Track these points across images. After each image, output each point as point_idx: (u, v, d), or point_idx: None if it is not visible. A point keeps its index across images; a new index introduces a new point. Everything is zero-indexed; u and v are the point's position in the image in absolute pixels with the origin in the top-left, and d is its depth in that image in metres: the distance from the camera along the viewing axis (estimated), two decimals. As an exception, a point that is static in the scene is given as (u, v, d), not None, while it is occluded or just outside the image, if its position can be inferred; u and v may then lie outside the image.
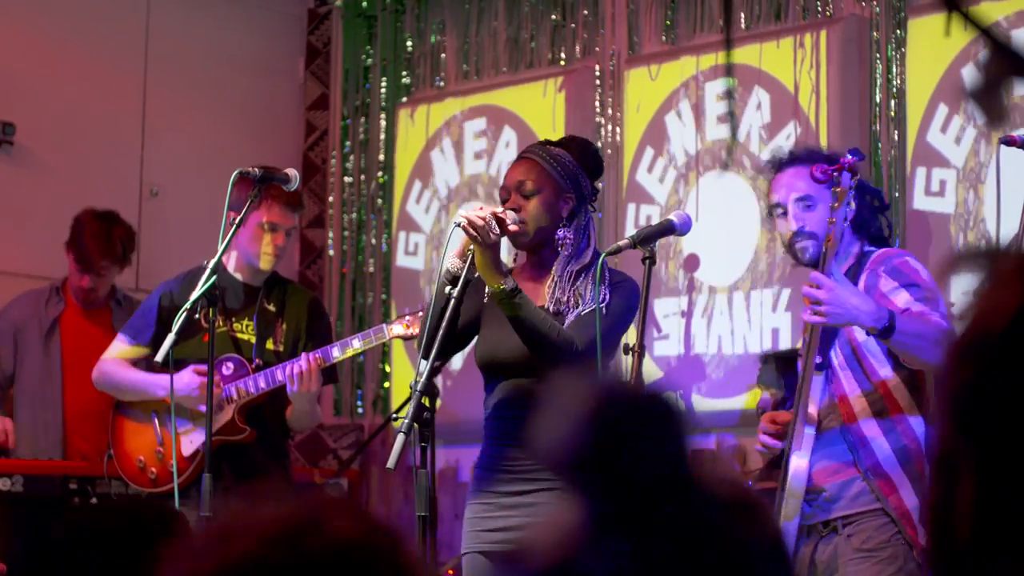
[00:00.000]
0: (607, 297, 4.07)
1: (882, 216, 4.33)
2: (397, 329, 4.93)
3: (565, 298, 4.09)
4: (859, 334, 4.13)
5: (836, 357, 4.16)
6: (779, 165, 4.34)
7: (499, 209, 4.04)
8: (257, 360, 5.09)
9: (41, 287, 6.14)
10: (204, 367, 4.87)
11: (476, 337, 4.26)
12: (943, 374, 1.23)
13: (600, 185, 4.36)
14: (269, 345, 5.14)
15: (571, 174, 4.17)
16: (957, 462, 1.19)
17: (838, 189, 4.03)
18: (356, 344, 4.97)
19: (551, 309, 4.08)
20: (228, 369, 5.06)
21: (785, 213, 4.26)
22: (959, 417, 1.20)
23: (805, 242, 4.23)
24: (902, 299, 4.09)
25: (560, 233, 4.14)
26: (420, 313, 4.91)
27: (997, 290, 1.21)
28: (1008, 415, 1.16)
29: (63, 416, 5.96)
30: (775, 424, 4.24)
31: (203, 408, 4.93)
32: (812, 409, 4.12)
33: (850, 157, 4.06)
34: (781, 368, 5.40)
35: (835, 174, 4.04)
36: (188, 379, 4.92)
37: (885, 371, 4.15)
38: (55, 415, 5.95)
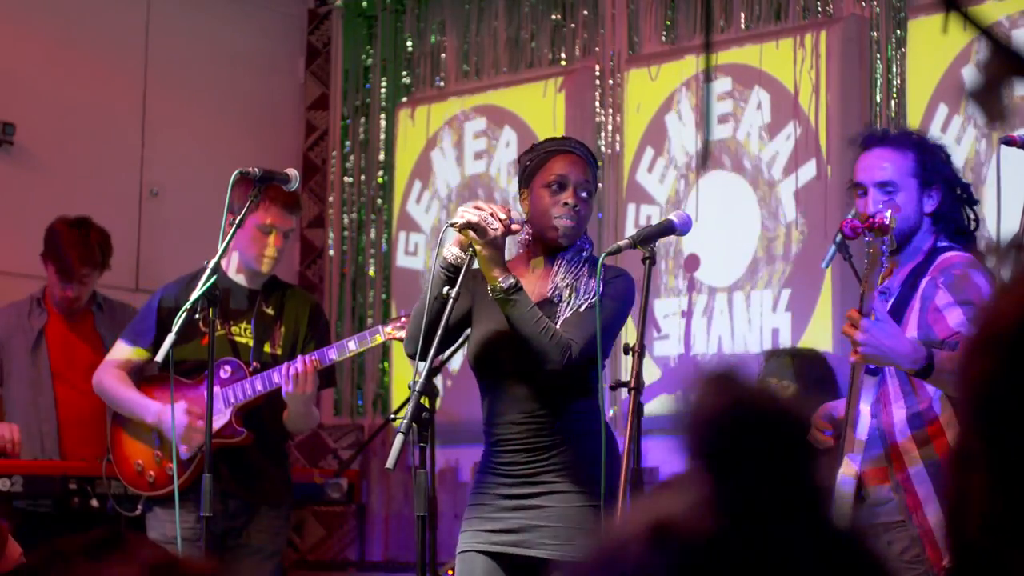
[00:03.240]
0: (601, 291, 4.06)
1: (968, 209, 4.17)
2: (392, 331, 4.93)
3: (565, 284, 4.09)
4: None
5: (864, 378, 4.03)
6: (868, 143, 4.17)
7: (497, 207, 4.03)
8: (255, 363, 5.09)
9: (19, 300, 6.09)
10: (198, 408, 4.89)
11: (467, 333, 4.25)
12: (961, 370, 1.23)
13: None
14: (267, 348, 5.14)
15: (596, 179, 4.27)
16: (971, 459, 1.19)
17: (871, 251, 3.82)
18: (352, 346, 4.97)
19: (548, 295, 4.09)
20: (226, 372, 5.05)
21: (865, 194, 4.11)
22: (973, 413, 1.20)
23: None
24: (954, 318, 3.97)
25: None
26: None
27: (1014, 286, 1.21)
28: (1020, 412, 1.16)
29: (58, 424, 5.95)
30: (828, 423, 4.14)
31: (184, 447, 4.94)
32: (864, 409, 4.05)
33: (886, 213, 3.86)
34: (799, 363, 5.38)
35: (864, 231, 3.87)
36: (178, 418, 4.88)
37: (931, 387, 4.02)
38: (50, 425, 5.94)
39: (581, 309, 4.04)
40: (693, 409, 1.12)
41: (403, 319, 4.95)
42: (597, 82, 6.72)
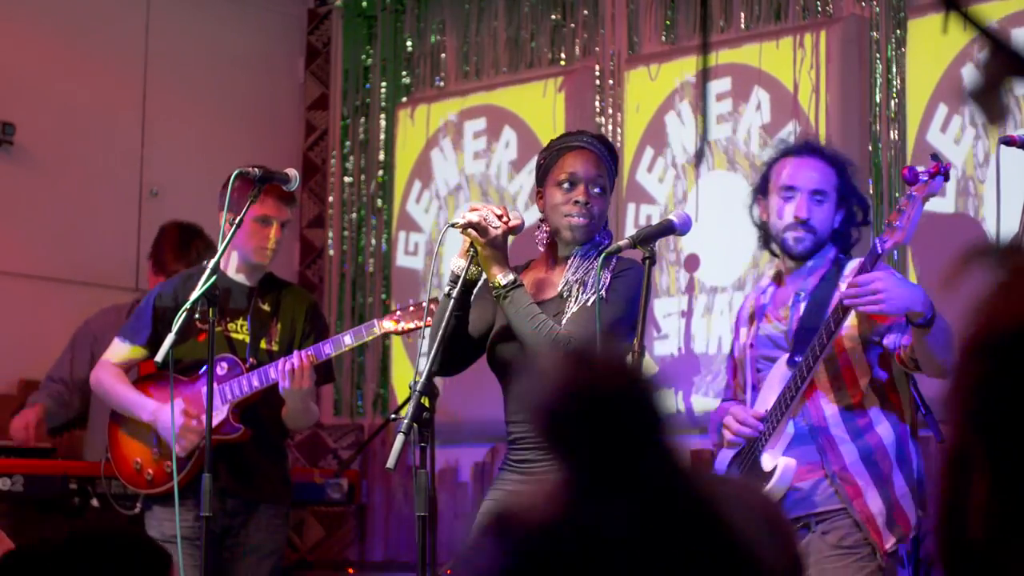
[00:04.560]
0: (607, 284, 4.05)
1: (856, 229, 4.35)
2: (388, 325, 4.93)
3: (575, 279, 4.08)
4: (847, 342, 4.13)
5: (817, 368, 4.15)
6: (803, 151, 4.36)
7: (495, 206, 4.03)
8: (251, 359, 5.09)
9: (123, 303, 6.17)
10: (194, 408, 4.89)
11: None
12: (956, 371, 1.23)
13: None
14: (263, 344, 5.13)
15: (614, 171, 4.26)
16: (970, 461, 1.19)
17: (921, 193, 4.00)
18: (347, 341, 4.96)
19: (560, 291, 4.08)
20: (222, 369, 5.05)
21: (792, 198, 4.26)
22: (973, 414, 1.20)
23: (804, 234, 4.25)
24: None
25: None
26: (411, 308, 4.92)
27: (1011, 287, 1.21)
28: (1021, 411, 1.16)
29: None
30: (740, 422, 4.23)
31: (179, 446, 4.93)
32: (771, 397, 4.16)
33: (946, 162, 4.04)
34: None
35: (927, 177, 4.00)
36: (175, 419, 4.87)
37: (864, 381, 4.18)
38: None
39: (588, 304, 4.04)
40: (538, 397, 1.10)
41: (399, 313, 4.95)
42: (597, 82, 6.72)
